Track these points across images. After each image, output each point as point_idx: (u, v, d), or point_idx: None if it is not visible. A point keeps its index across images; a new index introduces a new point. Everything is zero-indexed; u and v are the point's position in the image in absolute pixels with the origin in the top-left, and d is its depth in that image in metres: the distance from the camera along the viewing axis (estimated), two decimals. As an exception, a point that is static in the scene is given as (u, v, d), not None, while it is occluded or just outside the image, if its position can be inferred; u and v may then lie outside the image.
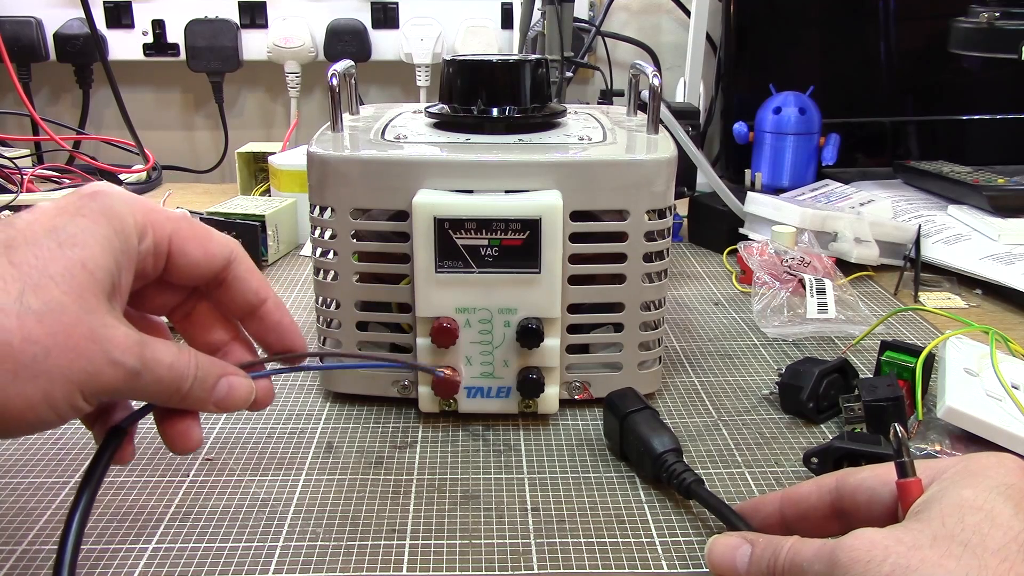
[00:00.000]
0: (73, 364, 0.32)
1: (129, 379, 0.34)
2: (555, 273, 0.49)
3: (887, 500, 0.35)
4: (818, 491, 0.37)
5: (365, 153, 0.51)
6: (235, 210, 0.81)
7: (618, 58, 1.18)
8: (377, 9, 1.19)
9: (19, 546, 0.40)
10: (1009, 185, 0.88)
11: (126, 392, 0.34)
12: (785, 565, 0.33)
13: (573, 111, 0.63)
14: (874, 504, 0.35)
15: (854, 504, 0.36)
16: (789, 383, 0.53)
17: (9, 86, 1.12)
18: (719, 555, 0.36)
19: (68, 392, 0.32)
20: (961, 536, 0.29)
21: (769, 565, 0.34)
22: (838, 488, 0.37)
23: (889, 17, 1.06)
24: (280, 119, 1.29)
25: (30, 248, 0.32)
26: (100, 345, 0.33)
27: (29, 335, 0.31)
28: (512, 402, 0.51)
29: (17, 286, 0.31)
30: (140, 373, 0.34)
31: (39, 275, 0.32)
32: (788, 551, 0.33)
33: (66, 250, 0.33)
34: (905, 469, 0.34)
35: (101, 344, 0.33)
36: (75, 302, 0.32)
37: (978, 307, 0.73)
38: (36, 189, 0.93)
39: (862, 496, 0.36)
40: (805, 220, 0.77)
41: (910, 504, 0.33)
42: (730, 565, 0.36)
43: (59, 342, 0.31)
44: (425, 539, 0.41)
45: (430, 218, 0.47)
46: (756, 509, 0.39)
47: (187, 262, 0.37)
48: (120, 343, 0.33)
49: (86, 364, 0.32)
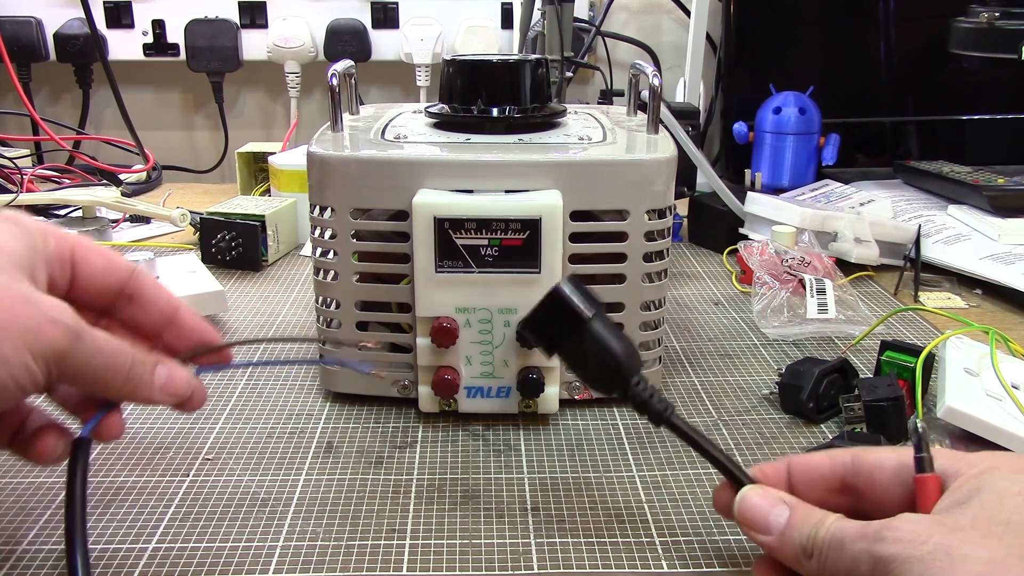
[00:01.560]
0: (13, 322, 0.33)
1: (70, 339, 0.34)
2: (555, 273, 0.49)
3: (905, 483, 0.34)
4: (831, 463, 0.36)
5: (365, 153, 0.51)
6: (235, 210, 0.81)
7: (618, 58, 1.18)
8: (377, 9, 1.19)
9: (19, 546, 0.40)
10: (1009, 185, 0.88)
11: (69, 358, 0.35)
12: (827, 539, 0.32)
13: (573, 111, 0.63)
14: (892, 487, 0.34)
15: (869, 482, 0.35)
16: (789, 383, 0.53)
17: (9, 86, 1.12)
18: (750, 507, 0.35)
19: (17, 347, 0.33)
20: (1001, 516, 0.29)
21: (810, 536, 0.33)
22: (853, 463, 0.36)
23: (889, 17, 1.06)
24: (280, 119, 1.29)
25: None
26: (35, 306, 0.34)
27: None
28: (512, 402, 0.51)
29: None
30: (80, 335, 0.35)
31: None
32: (831, 526, 0.32)
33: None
34: (924, 464, 0.33)
35: (36, 305, 0.34)
36: (2, 273, 0.34)
37: (978, 307, 0.73)
38: (36, 189, 0.93)
39: (880, 477, 0.35)
40: (805, 220, 0.77)
41: (927, 499, 0.32)
42: (762, 521, 0.35)
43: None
44: (425, 539, 0.41)
45: (430, 218, 0.47)
46: (764, 473, 0.38)
47: (91, 272, 0.39)
48: (54, 305, 0.35)
49: (26, 320, 0.33)
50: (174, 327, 0.41)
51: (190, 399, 0.40)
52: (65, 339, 0.34)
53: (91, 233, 0.85)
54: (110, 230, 0.88)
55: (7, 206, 0.83)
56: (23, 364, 0.33)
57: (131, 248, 0.82)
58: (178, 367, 0.39)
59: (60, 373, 0.35)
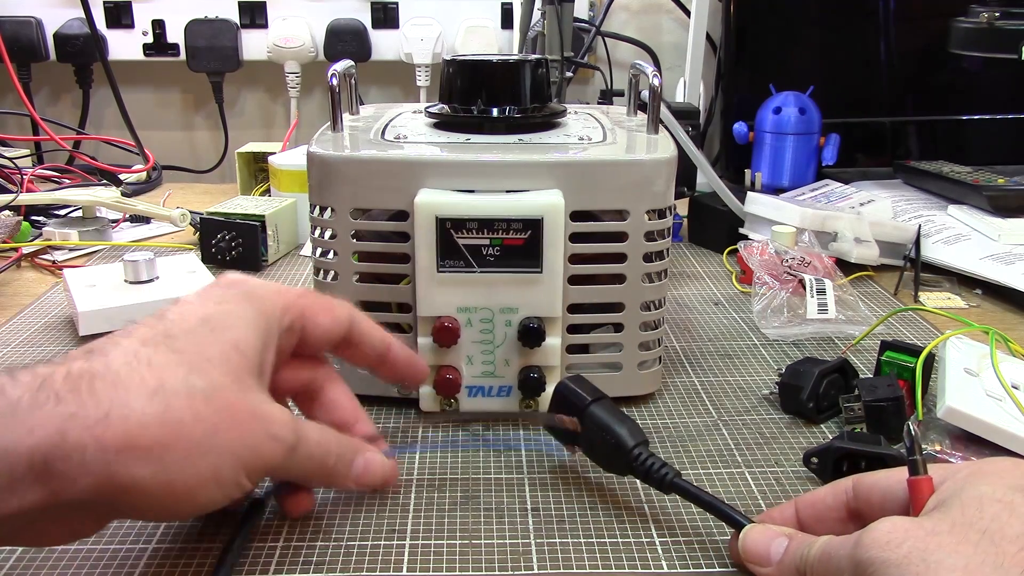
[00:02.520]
0: (238, 440, 0.34)
1: (286, 454, 0.35)
2: (556, 272, 0.49)
3: (900, 498, 0.35)
4: (833, 493, 0.38)
5: (365, 153, 0.51)
6: (235, 210, 0.81)
7: (618, 58, 1.18)
8: (377, 9, 1.19)
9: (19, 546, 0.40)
10: (1009, 185, 0.88)
11: (281, 468, 0.36)
12: (816, 555, 0.33)
13: (573, 111, 0.63)
14: (887, 502, 0.35)
15: (868, 504, 0.36)
16: (789, 383, 0.53)
17: (9, 86, 1.12)
18: (752, 543, 0.37)
19: (234, 469, 0.34)
20: (979, 524, 0.30)
21: (802, 557, 0.34)
22: (854, 488, 0.37)
23: (889, 17, 1.06)
24: (280, 119, 1.29)
25: (188, 336, 0.35)
26: (260, 422, 0.35)
27: (198, 414, 0.33)
28: (513, 401, 0.51)
29: (182, 370, 0.33)
30: (296, 448, 0.36)
31: (199, 359, 0.34)
32: (821, 543, 0.34)
33: (219, 334, 0.35)
34: (917, 467, 0.34)
35: (261, 421, 0.35)
36: (233, 382, 0.34)
37: (978, 307, 0.73)
38: (36, 189, 0.93)
39: (876, 495, 0.36)
40: (805, 220, 0.77)
41: (920, 501, 0.33)
42: (763, 554, 0.36)
43: (224, 419, 0.33)
44: (425, 539, 0.41)
45: (432, 218, 0.47)
46: (771, 517, 0.39)
47: (320, 331, 0.40)
48: (278, 418, 0.35)
49: (249, 440, 0.34)
50: (388, 363, 0.44)
51: (382, 484, 0.42)
52: (282, 455, 0.35)
53: (91, 233, 0.85)
54: (110, 230, 0.88)
55: (7, 206, 0.83)
56: (236, 482, 0.34)
57: (131, 248, 0.82)
58: (374, 455, 0.41)
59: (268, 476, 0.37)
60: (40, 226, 0.86)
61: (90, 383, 0.32)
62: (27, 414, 0.30)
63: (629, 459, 0.42)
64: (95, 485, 0.31)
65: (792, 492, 0.45)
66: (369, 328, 0.43)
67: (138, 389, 0.32)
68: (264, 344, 0.37)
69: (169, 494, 0.32)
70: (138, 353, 0.34)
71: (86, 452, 0.30)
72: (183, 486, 0.33)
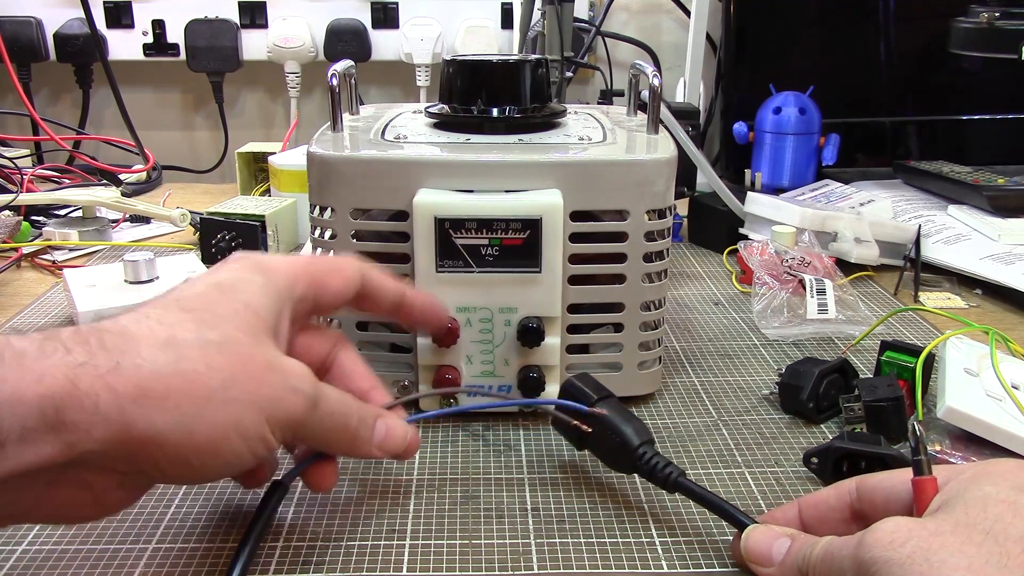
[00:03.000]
0: (257, 391, 0.33)
1: (308, 408, 0.35)
2: (556, 272, 0.49)
3: (904, 500, 0.35)
4: (837, 494, 0.38)
5: (365, 153, 0.51)
6: (235, 210, 0.81)
7: (618, 58, 1.18)
8: (377, 9, 1.19)
9: (19, 546, 0.40)
10: (1009, 185, 0.88)
11: (305, 426, 0.35)
12: (819, 555, 0.33)
13: (573, 111, 0.63)
14: (891, 503, 0.35)
15: (872, 505, 0.36)
16: (789, 383, 0.53)
17: (9, 86, 1.12)
18: (755, 543, 0.37)
19: (257, 420, 0.33)
20: (983, 524, 0.29)
21: (804, 558, 0.34)
22: (858, 489, 0.37)
23: (889, 17, 1.06)
24: (280, 119, 1.29)
25: (198, 298, 0.35)
26: (278, 374, 0.34)
27: (212, 363, 0.32)
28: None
29: (193, 325, 0.33)
30: (317, 402, 0.35)
31: (210, 315, 0.34)
32: (823, 544, 0.34)
33: (230, 295, 0.35)
34: (922, 467, 0.34)
35: (279, 373, 0.34)
36: (247, 336, 0.34)
37: (978, 307, 0.73)
38: (36, 189, 0.93)
39: (879, 496, 0.36)
40: (805, 220, 0.77)
41: (924, 501, 0.33)
42: (765, 554, 0.36)
43: (240, 371, 0.33)
44: (425, 539, 0.41)
45: (431, 218, 0.47)
46: (774, 517, 0.39)
47: (332, 294, 0.40)
48: (296, 371, 0.35)
49: (269, 391, 0.33)
50: (405, 310, 0.44)
51: (405, 451, 0.41)
52: (304, 408, 0.35)
53: (91, 233, 0.85)
54: (110, 230, 0.88)
55: (7, 206, 0.83)
56: (260, 435, 0.33)
57: (131, 248, 0.82)
58: (395, 420, 0.40)
59: (293, 437, 0.36)
60: (40, 226, 0.86)
61: (99, 336, 0.31)
62: (35, 361, 0.29)
63: (634, 458, 0.42)
64: (112, 436, 0.30)
65: (792, 492, 0.45)
66: (381, 279, 0.42)
67: (148, 340, 0.32)
68: (278, 310, 0.36)
69: (191, 446, 0.31)
70: (148, 313, 0.33)
71: (99, 400, 0.30)
72: (205, 438, 0.32)
